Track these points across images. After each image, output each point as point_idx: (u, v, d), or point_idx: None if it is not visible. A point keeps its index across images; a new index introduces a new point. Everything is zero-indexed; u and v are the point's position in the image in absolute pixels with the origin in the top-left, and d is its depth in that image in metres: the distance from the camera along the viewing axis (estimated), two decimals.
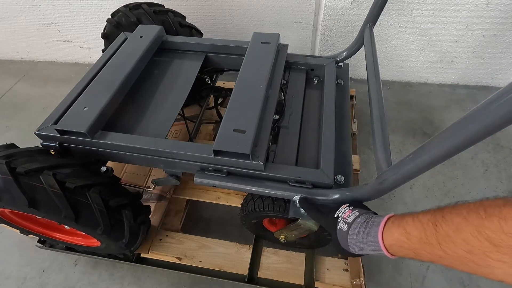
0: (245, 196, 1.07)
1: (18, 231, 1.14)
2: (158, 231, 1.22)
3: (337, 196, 0.83)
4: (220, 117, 1.40)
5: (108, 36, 1.41)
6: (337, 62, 1.25)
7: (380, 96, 0.96)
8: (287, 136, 1.04)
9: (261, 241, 1.20)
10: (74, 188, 0.85)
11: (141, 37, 1.23)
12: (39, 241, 1.25)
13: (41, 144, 1.00)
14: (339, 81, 1.21)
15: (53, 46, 2.20)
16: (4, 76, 2.23)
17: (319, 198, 0.86)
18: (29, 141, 1.08)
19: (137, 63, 1.13)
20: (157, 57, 1.27)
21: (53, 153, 1.00)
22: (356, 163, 1.32)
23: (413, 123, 1.72)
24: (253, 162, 0.87)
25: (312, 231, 0.93)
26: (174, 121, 1.07)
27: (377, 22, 1.25)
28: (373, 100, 0.96)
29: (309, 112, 1.12)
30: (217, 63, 1.32)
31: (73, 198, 0.85)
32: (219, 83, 1.62)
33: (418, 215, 0.57)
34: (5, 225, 1.09)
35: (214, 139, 0.91)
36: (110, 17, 1.40)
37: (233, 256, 1.15)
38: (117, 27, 1.38)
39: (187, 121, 1.33)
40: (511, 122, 0.41)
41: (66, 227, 1.10)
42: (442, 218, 0.50)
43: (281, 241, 1.05)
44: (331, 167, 0.89)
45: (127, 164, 1.41)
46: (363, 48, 1.21)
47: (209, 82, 1.40)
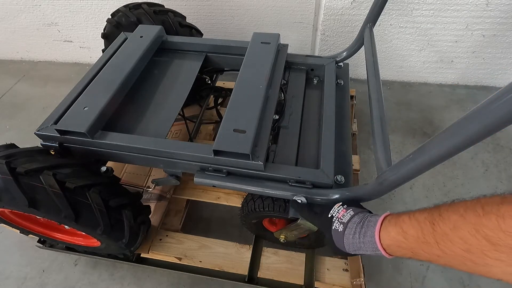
0: (245, 196, 1.07)
1: (18, 231, 1.14)
2: (158, 231, 1.22)
3: (337, 196, 0.82)
4: (220, 117, 1.40)
5: (108, 36, 1.41)
6: (337, 62, 1.25)
7: (380, 96, 0.96)
8: (287, 136, 1.04)
9: (261, 241, 1.20)
10: (74, 188, 0.85)
11: (141, 37, 1.23)
12: (39, 241, 1.25)
13: (41, 144, 1.00)
14: (339, 81, 1.21)
15: (53, 46, 2.20)
16: (4, 76, 2.23)
17: (319, 198, 0.85)
18: (29, 141, 1.08)
19: (137, 63, 1.13)
20: (157, 57, 1.27)
21: (53, 153, 1.00)
22: (356, 163, 1.32)
23: (413, 123, 1.72)
24: (253, 162, 0.87)
25: (312, 231, 0.93)
26: (174, 121, 1.07)
27: (377, 22, 1.24)
28: (373, 100, 0.96)
29: (309, 112, 1.12)
30: (217, 63, 1.32)
31: (73, 198, 0.85)
32: (219, 83, 1.62)
33: (414, 213, 0.55)
34: (5, 225, 1.09)
35: (214, 139, 0.90)
36: (110, 17, 1.40)
37: (233, 256, 1.15)
38: (117, 27, 1.38)
39: (187, 121, 1.33)
40: (511, 122, 0.41)
41: (66, 227, 1.10)
42: (439, 216, 0.49)
43: (281, 241, 1.05)
44: (331, 167, 0.89)
45: (127, 164, 1.41)
46: (363, 48, 1.21)
47: (209, 82, 1.40)
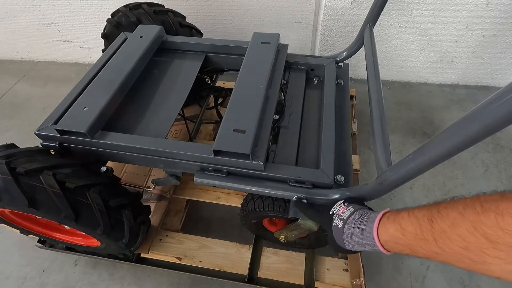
0: (245, 196, 1.07)
1: (18, 231, 1.14)
2: (158, 231, 1.22)
3: (337, 196, 0.82)
4: (220, 117, 1.40)
5: (108, 36, 1.41)
6: (337, 62, 1.25)
7: (380, 96, 0.96)
8: (287, 136, 1.04)
9: (261, 241, 1.20)
10: (74, 188, 0.85)
11: (141, 37, 1.23)
12: (39, 241, 1.25)
13: (41, 144, 1.00)
14: (339, 81, 1.21)
15: (53, 46, 2.20)
16: (4, 76, 2.23)
17: (319, 198, 0.85)
18: (29, 141, 1.08)
19: (137, 63, 1.13)
20: (157, 57, 1.27)
21: (53, 153, 1.00)
22: (356, 163, 1.32)
23: (413, 123, 1.72)
24: (253, 162, 0.87)
25: (312, 231, 0.93)
26: (174, 121, 1.07)
27: (377, 22, 1.25)
28: (373, 100, 0.96)
29: (309, 112, 1.12)
30: (217, 63, 1.32)
31: (73, 198, 0.85)
32: (219, 83, 1.62)
33: (413, 210, 0.55)
34: (5, 225, 1.09)
35: (214, 139, 0.90)
36: (110, 17, 1.40)
37: (233, 256, 1.15)
38: (117, 27, 1.38)
39: (187, 121, 1.33)
40: (511, 122, 0.41)
41: (66, 227, 1.10)
42: (438, 213, 0.49)
43: (281, 241, 1.04)
44: (331, 167, 0.89)
45: (127, 164, 1.40)
46: (363, 48, 1.21)
47: (209, 82, 1.40)
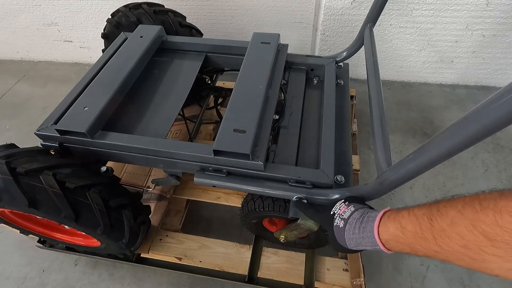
0: (245, 196, 1.07)
1: (18, 231, 1.14)
2: (158, 231, 1.22)
3: (337, 196, 0.82)
4: (220, 117, 1.40)
5: (108, 36, 1.41)
6: (337, 62, 1.25)
7: (380, 96, 0.96)
8: (287, 136, 1.04)
9: (261, 241, 1.20)
10: (74, 188, 0.85)
11: (141, 37, 1.23)
12: (39, 241, 1.25)
13: (41, 144, 1.00)
14: (339, 81, 1.21)
15: (53, 46, 2.20)
16: (4, 76, 2.23)
17: (319, 198, 0.85)
18: (29, 141, 1.08)
19: (137, 63, 1.13)
20: (157, 57, 1.27)
21: (53, 153, 1.00)
22: (356, 163, 1.32)
23: (413, 123, 1.72)
24: (253, 162, 0.87)
25: (312, 231, 0.93)
26: (174, 121, 1.07)
27: (377, 22, 1.24)
28: (373, 100, 0.96)
29: (309, 112, 1.12)
30: (217, 63, 1.32)
31: (73, 198, 0.85)
32: (219, 83, 1.62)
33: (414, 209, 0.56)
34: (5, 225, 1.09)
35: (214, 139, 0.90)
36: (110, 17, 1.40)
37: (233, 256, 1.15)
38: (117, 27, 1.38)
39: (187, 121, 1.33)
40: (511, 122, 0.41)
41: (66, 227, 1.10)
42: (437, 212, 0.49)
43: (281, 241, 1.04)
44: (331, 167, 0.89)
45: (127, 164, 1.40)
46: (363, 48, 1.21)
47: (209, 82, 1.40)
